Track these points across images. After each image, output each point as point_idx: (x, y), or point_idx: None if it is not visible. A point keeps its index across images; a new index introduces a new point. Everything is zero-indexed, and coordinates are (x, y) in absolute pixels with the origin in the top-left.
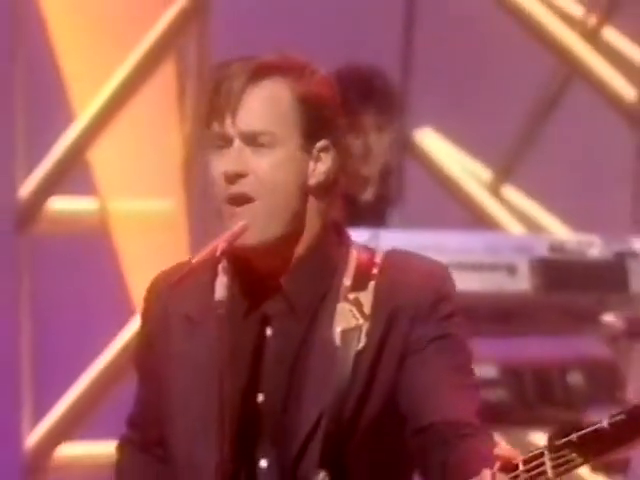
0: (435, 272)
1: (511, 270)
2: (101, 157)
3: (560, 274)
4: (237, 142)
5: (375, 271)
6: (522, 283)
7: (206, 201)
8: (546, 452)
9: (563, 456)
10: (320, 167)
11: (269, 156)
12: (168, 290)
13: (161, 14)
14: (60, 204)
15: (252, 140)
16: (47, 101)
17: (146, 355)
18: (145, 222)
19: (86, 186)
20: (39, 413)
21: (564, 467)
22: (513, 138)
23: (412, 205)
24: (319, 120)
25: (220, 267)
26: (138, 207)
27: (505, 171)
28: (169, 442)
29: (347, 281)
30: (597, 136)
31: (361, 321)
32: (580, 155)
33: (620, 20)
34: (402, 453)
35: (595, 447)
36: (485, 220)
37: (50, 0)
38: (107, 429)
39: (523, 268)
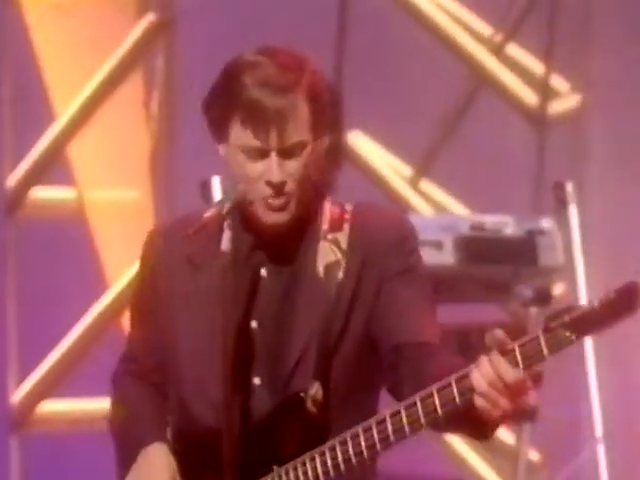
0: (398, 215)
1: (438, 246)
2: (79, 152)
3: (480, 249)
4: (274, 154)
5: (347, 216)
6: (447, 257)
7: (169, 191)
8: (541, 334)
9: (557, 336)
10: (322, 154)
11: (301, 159)
12: (170, 238)
13: (134, 27)
14: (42, 193)
15: (289, 153)
16: (31, 103)
17: (146, 296)
18: (116, 209)
19: (66, 177)
20: (24, 372)
21: (558, 345)
22: (430, 138)
23: (343, 198)
24: (323, 114)
25: (225, 224)
26: (110, 196)
27: (423, 167)
28: (176, 364)
29: (325, 225)
30: (503, 135)
31: (340, 256)
32: (489, 153)
33: (522, 37)
34: (375, 371)
35: (586, 325)
36: (407, 211)
37: (33, 12)
38: (86, 388)
39: (448, 244)
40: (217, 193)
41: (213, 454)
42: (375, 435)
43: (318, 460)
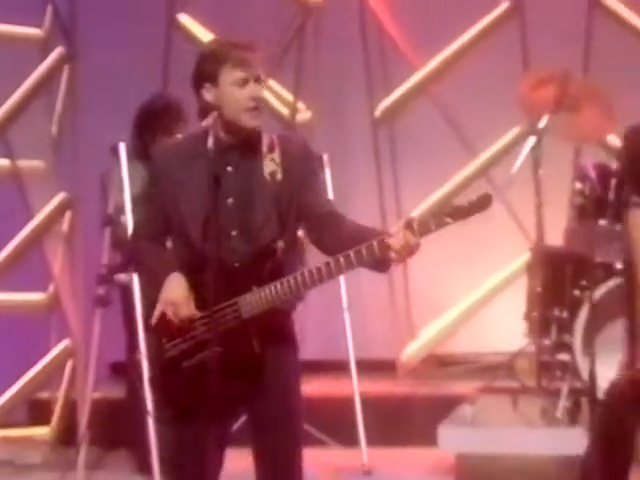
0: (303, 140)
1: None
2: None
3: None
4: (252, 81)
5: (276, 142)
6: None
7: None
8: (430, 218)
9: (441, 219)
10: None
11: (263, 85)
12: (166, 151)
13: (42, 60)
14: None
15: (258, 80)
16: None
17: (154, 188)
18: (30, 175)
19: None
20: None
21: (440, 225)
22: None
23: None
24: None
25: (210, 132)
26: (28, 164)
27: None
28: (181, 220)
29: (264, 148)
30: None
31: (277, 167)
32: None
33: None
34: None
35: (459, 215)
36: None
37: None
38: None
39: None
40: (122, 153)
41: (210, 279)
42: (323, 270)
43: (280, 285)
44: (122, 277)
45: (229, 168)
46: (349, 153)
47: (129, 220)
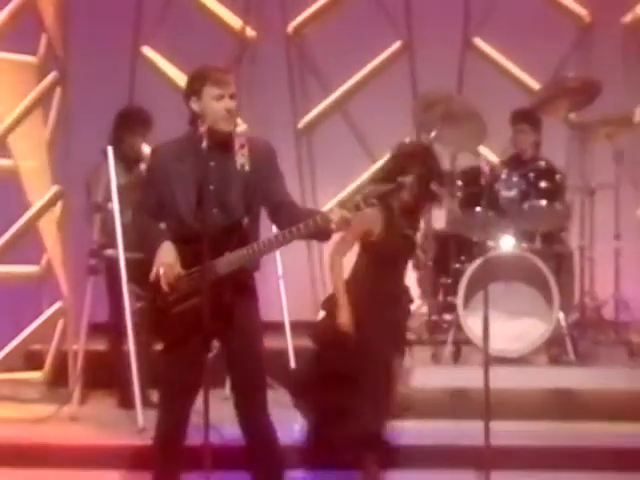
0: (267, 141)
1: None
2: (15, 145)
3: None
4: (227, 97)
5: (244, 143)
6: None
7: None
8: (360, 198)
9: (367, 201)
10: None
11: (236, 101)
12: (163, 148)
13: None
14: None
15: (232, 97)
16: None
17: (152, 179)
18: (29, 172)
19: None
20: None
21: (367, 204)
22: None
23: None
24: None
25: (204, 136)
26: (25, 164)
27: None
28: (174, 202)
29: (236, 147)
30: None
31: (246, 160)
32: None
33: None
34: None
35: (381, 198)
36: None
37: None
38: None
39: None
40: (111, 156)
41: (193, 247)
42: (280, 237)
43: (247, 249)
44: (109, 252)
45: (212, 163)
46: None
47: (115, 207)
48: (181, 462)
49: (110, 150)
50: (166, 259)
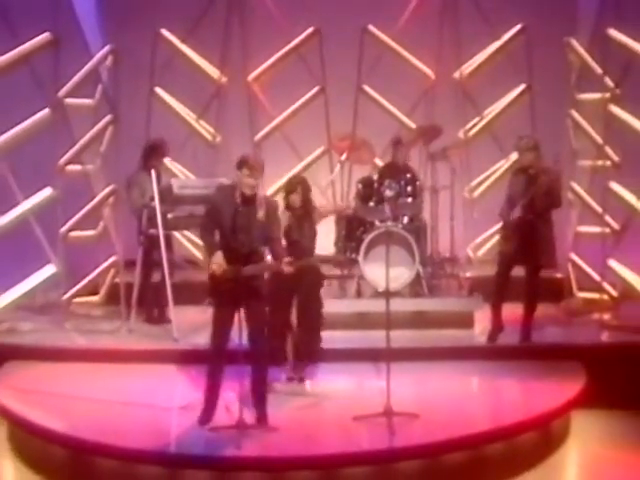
0: (275, 201)
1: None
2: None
3: None
4: (254, 178)
5: (263, 200)
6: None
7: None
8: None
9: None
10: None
11: (260, 180)
12: (222, 190)
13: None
14: None
15: (257, 178)
16: None
17: (213, 208)
18: (92, 175)
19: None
20: None
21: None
22: None
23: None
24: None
25: (237, 191)
26: (91, 168)
27: None
28: (222, 230)
29: (257, 202)
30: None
31: (263, 212)
32: None
33: None
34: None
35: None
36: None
37: None
38: None
39: None
40: (154, 176)
41: (231, 254)
42: (272, 265)
43: (257, 265)
44: (152, 231)
45: (241, 209)
46: None
47: (157, 204)
48: (224, 358)
49: (153, 172)
50: (217, 260)
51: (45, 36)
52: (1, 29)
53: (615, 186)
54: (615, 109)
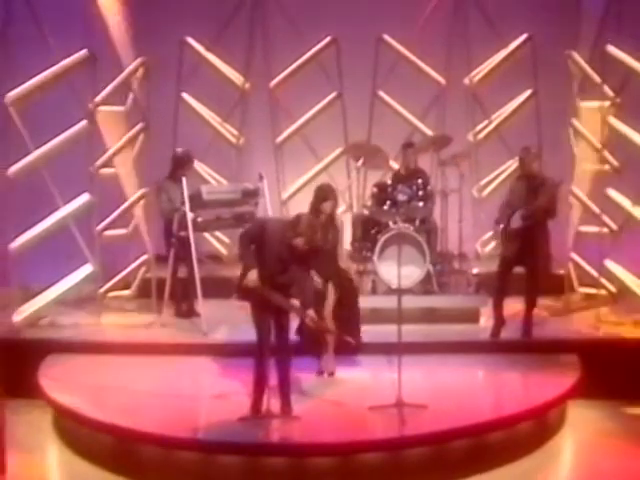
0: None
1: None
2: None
3: None
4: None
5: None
6: None
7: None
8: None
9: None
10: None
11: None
12: (267, 224)
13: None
14: None
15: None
16: None
17: (258, 236)
18: (123, 178)
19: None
20: None
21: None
22: None
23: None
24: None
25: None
26: (121, 171)
27: None
28: (261, 254)
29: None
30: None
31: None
32: None
33: None
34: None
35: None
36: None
37: None
38: None
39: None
40: (184, 183)
41: (266, 274)
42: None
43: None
44: (182, 233)
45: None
46: (262, 160)
47: (187, 209)
48: (268, 353)
49: (184, 179)
50: (252, 277)
51: (83, 53)
52: (39, 45)
53: (612, 192)
54: (613, 120)
